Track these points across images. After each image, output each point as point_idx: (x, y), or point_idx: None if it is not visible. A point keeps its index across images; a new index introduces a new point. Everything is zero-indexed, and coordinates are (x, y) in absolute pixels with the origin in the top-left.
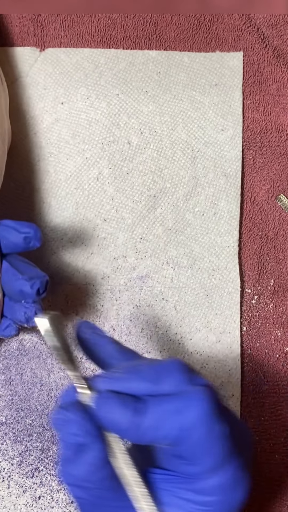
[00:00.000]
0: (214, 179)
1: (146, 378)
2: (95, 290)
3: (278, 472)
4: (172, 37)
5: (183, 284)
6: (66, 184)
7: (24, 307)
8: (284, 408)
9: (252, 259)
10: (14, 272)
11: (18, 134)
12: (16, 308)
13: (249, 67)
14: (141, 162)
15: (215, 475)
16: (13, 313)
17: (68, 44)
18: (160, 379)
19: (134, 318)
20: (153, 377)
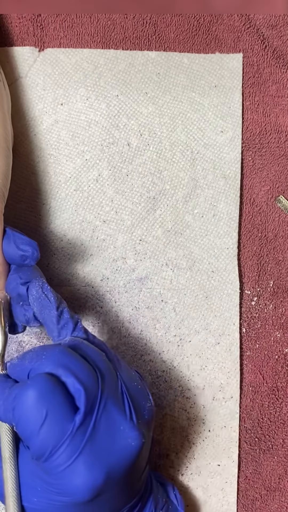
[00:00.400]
0: (214, 180)
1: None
2: (94, 292)
3: (277, 473)
4: (171, 38)
5: (182, 286)
6: (66, 185)
7: (24, 309)
8: (283, 409)
9: (251, 260)
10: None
11: (17, 136)
12: (18, 310)
13: (249, 68)
14: (141, 164)
15: (48, 459)
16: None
17: (68, 44)
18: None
19: (133, 319)
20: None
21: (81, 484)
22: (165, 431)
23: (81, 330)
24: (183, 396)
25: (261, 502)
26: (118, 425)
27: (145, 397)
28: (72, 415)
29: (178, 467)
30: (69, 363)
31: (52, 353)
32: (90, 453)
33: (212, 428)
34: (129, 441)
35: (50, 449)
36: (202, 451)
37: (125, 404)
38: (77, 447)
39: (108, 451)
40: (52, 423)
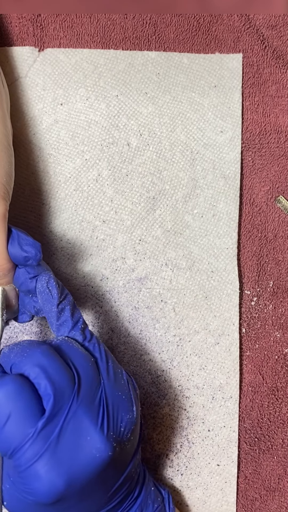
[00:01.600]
0: (213, 181)
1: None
2: (94, 292)
3: (277, 474)
4: (171, 38)
5: (182, 286)
6: (65, 185)
7: (33, 301)
8: (283, 409)
9: (251, 260)
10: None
11: (17, 135)
12: (26, 302)
13: (249, 69)
14: (140, 164)
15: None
16: (25, 306)
17: (68, 44)
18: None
19: (133, 319)
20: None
21: (40, 487)
22: (165, 431)
23: (79, 330)
24: (183, 396)
25: (261, 502)
26: (85, 434)
27: (127, 408)
28: (37, 419)
29: (177, 467)
30: (47, 366)
31: (34, 352)
32: (51, 458)
33: (212, 428)
34: (94, 452)
35: (12, 449)
36: (201, 451)
37: (99, 414)
38: (37, 451)
39: (71, 459)
40: (13, 424)
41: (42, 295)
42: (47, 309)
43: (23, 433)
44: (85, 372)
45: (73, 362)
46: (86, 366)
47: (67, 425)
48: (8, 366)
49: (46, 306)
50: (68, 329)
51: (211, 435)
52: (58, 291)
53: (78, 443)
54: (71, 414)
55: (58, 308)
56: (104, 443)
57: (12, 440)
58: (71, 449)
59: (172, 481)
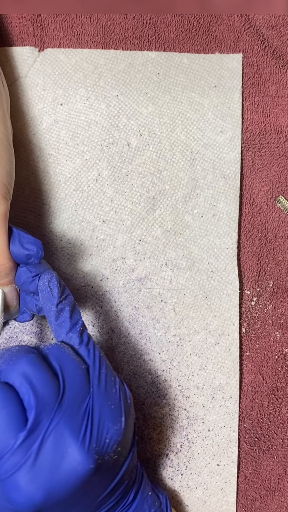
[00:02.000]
0: (213, 181)
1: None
2: (94, 292)
3: (277, 474)
4: (171, 38)
5: (182, 286)
6: (65, 185)
7: (35, 299)
8: (283, 409)
9: (251, 260)
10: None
11: (17, 135)
12: (28, 300)
13: (249, 69)
14: (140, 164)
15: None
16: (26, 304)
17: (68, 44)
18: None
19: (133, 319)
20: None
21: (18, 498)
22: (165, 431)
23: (77, 332)
24: (183, 396)
25: (261, 502)
26: (66, 447)
27: (114, 419)
28: (19, 429)
29: (177, 467)
30: (32, 376)
31: (20, 360)
32: (30, 470)
33: (212, 427)
34: (74, 464)
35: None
36: (201, 451)
37: (82, 426)
38: (17, 462)
39: (50, 472)
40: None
41: (43, 293)
42: (46, 308)
43: (4, 444)
44: (72, 381)
45: (62, 370)
46: (75, 374)
47: (48, 437)
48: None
49: (46, 304)
50: (66, 330)
51: (211, 435)
52: (59, 291)
53: (59, 456)
54: (53, 426)
55: (57, 308)
56: (85, 456)
57: None
58: (51, 461)
59: (172, 481)
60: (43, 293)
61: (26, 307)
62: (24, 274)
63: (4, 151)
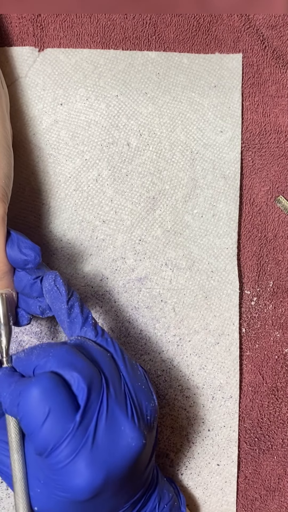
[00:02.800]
0: (213, 180)
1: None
2: (93, 292)
3: (277, 473)
4: (171, 38)
5: (182, 285)
6: (65, 185)
7: (38, 301)
8: (283, 409)
9: (251, 260)
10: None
11: (17, 135)
12: (31, 303)
13: (248, 69)
14: (140, 164)
15: (49, 455)
16: (28, 307)
17: (67, 44)
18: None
19: (133, 319)
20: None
21: (80, 483)
22: (165, 430)
23: (90, 325)
24: (183, 396)
25: (261, 502)
26: (119, 425)
27: (148, 397)
28: (74, 414)
29: (177, 467)
30: (75, 362)
31: (59, 351)
32: (90, 452)
33: (212, 427)
34: (130, 441)
35: (52, 446)
36: (201, 451)
37: (127, 405)
38: (77, 446)
39: (108, 451)
40: (53, 421)
41: (50, 294)
42: (56, 308)
43: (63, 429)
44: (106, 367)
45: (93, 357)
46: (105, 361)
47: (101, 418)
48: (31, 369)
49: (55, 304)
50: (80, 326)
51: (211, 435)
52: (66, 288)
53: (114, 435)
54: (104, 406)
55: (68, 305)
56: (138, 432)
57: (51, 437)
58: (107, 441)
59: None
60: (51, 293)
61: (29, 310)
62: (24, 277)
63: (3, 152)
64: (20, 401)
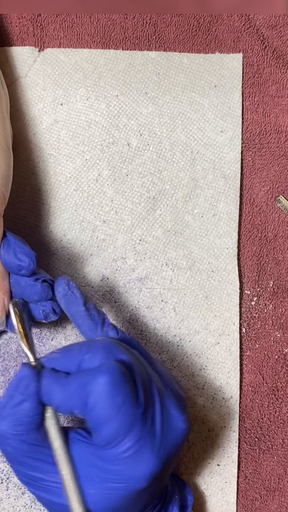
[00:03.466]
0: (213, 180)
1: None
2: (94, 292)
3: (277, 474)
4: (171, 38)
5: (182, 285)
6: (66, 185)
7: (41, 305)
8: (283, 409)
9: (251, 260)
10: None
11: (17, 135)
12: (33, 308)
13: (249, 69)
14: (141, 164)
15: (116, 445)
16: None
17: (68, 44)
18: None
19: (133, 319)
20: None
21: (143, 469)
22: None
23: (110, 325)
24: None
25: (261, 502)
26: (168, 409)
27: (177, 386)
28: (138, 401)
29: (177, 467)
30: (122, 353)
31: (105, 344)
32: (153, 438)
33: (212, 428)
34: (181, 424)
35: (123, 435)
36: (201, 451)
37: (168, 391)
38: (142, 433)
39: (165, 436)
40: (127, 409)
41: (66, 298)
42: (72, 312)
43: (134, 416)
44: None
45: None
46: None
47: (156, 403)
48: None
49: (71, 308)
50: (100, 326)
51: (212, 435)
52: (80, 291)
53: (168, 420)
54: (155, 393)
55: (85, 307)
56: (185, 416)
57: (124, 425)
58: (164, 426)
59: None
60: (66, 298)
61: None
62: (22, 280)
63: (2, 153)
64: (90, 392)
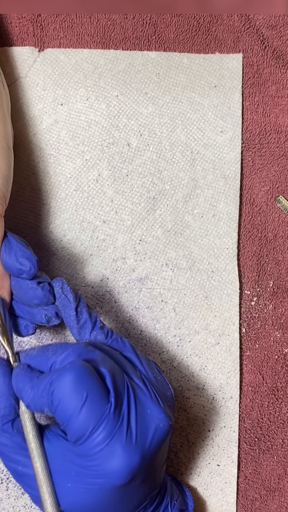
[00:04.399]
0: (213, 181)
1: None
2: (94, 292)
3: (277, 474)
4: (171, 38)
5: (182, 286)
6: (66, 185)
7: (44, 309)
8: (283, 409)
9: (251, 260)
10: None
11: (17, 136)
12: (35, 312)
13: (249, 69)
14: (141, 164)
15: (86, 440)
16: (33, 316)
17: (68, 44)
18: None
19: (133, 320)
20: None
21: (118, 464)
22: None
23: (99, 329)
24: (183, 396)
25: (261, 502)
26: (146, 408)
27: (165, 387)
28: (107, 398)
29: (177, 467)
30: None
31: (77, 346)
32: (126, 434)
33: (212, 428)
34: (158, 422)
35: (90, 430)
36: (201, 451)
37: (148, 389)
38: (113, 428)
39: (141, 433)
40: (91, 404)
41: (59, 301)
42: (65, 314)
43: (101, 411)
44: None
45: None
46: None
47: (131, 401)
48: (47, 365)
49: (64, 311)
50: (89, 330)
51: (211, 435)
52: (73, 294)
53: (143, 417)
54: (130, 390)
55: (76, 312)
56: (163, 413)
57: (90, 421)
58: (138, 422)
59: None
60: (60, 300)
61: (33, 320)
62: (24, 282)
63: (2, 153)
64: (55, 388)
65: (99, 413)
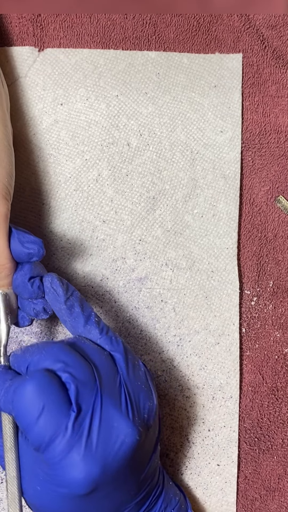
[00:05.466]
0: (213, 180)
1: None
2: (94, 292)
3: (277, 473)
4: (171, 38)
5: (182, 285)
6: (66, 185)
7: (33, 303)
8: (283, 409)
9: (251, 260)
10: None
11: (17, 135)
12: (25, 304)
13: (248, 69)
14: (140, 164)
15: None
16: (24, 309)
17: (67, 44)
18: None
19: (133, 319)
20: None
21: (77, 475)
22: (165, 430)
23: (93, 323)
24: (183, 396)
25: (261, 502)
26: (113, 421)
27: (147, 396)
28: (68, 410)
29: (177, 467)
30: (67, 359)
31: (51, 349)
32: (85, 446)
33: (212, 427)
34: (123, 437)
35: (47, 441)
36: (201, 451)
37: (121, 402)
38: (72, 440)
39: (103, 446)
40: (48, 415)
41: (49, 296)
42: (56, 309)
43: (57, 423)
44: (101, 363)
45: (88, 355)
46: (101, 358)
47: (95, 413)
48: (25, 366)
49: (54, 305)
50: (82, 324)
51: (211, 435)
52: (63, 289)
53: (107, 430)
54: (98, 402)
55: (66, 305)
56: (131, 428)
57: (46, 432)
58: (102, 436)
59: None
60: (49, 295)
61: (24, 311)
62: (20, 277)
63: (4, 151)
64: (15, 397)
65: (55, 425)
